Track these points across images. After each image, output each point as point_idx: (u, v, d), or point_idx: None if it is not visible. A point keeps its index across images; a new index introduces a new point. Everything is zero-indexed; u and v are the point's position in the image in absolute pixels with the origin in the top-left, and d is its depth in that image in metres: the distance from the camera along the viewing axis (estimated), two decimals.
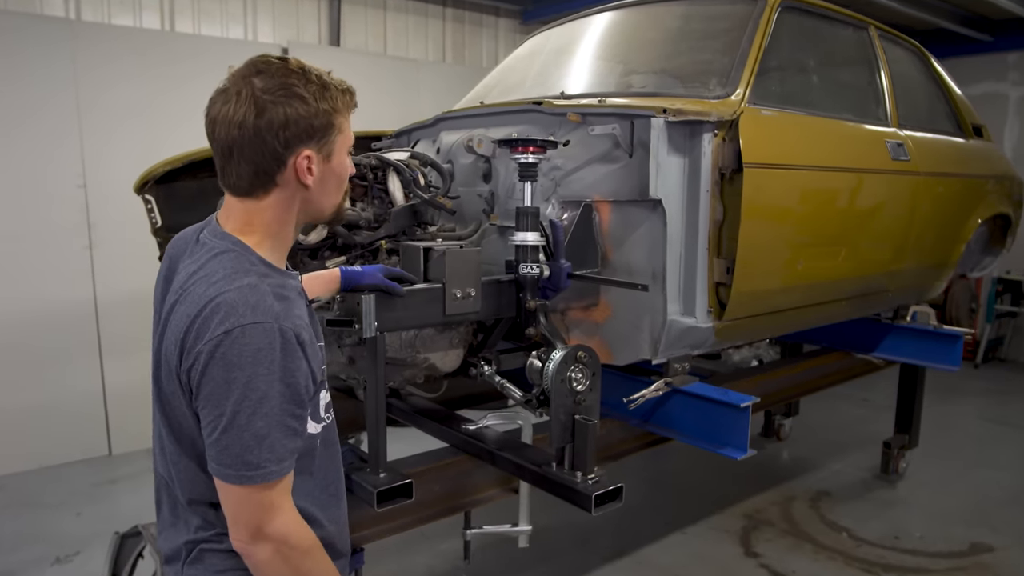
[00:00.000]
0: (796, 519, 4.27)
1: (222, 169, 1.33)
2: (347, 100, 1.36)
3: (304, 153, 1.31)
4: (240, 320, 1.21)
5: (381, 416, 2.13)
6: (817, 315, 3.16)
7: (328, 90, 1.32)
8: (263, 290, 1.26)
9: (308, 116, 1.29)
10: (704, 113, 2.41)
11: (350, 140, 1.40)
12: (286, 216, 1.37)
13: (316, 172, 1.35)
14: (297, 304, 1.33)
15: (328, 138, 1.34)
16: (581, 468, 2.10)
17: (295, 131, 1.29)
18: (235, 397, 1.20)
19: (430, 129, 3.20)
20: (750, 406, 2.46)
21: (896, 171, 3.21)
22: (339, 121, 1.35)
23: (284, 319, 1.25)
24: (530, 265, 2.24)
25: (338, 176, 1.40)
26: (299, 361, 1.26)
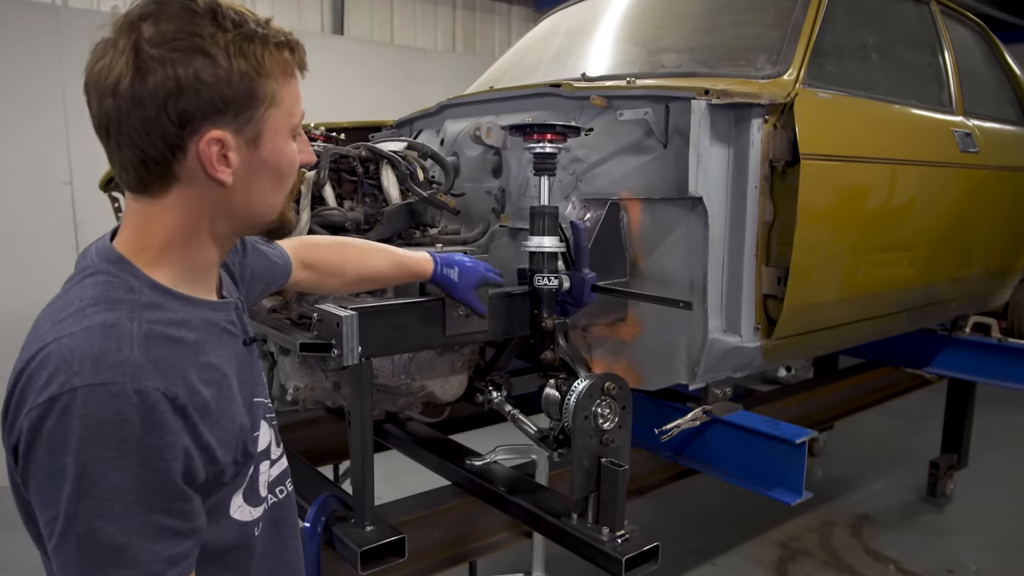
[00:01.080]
0: (836, 548, 3.90)
1: (108, 154, 0.95)
2: (284, 59, 0.97)
3: (210, 135, 0.92)
4: (72, 381, 0.84)
5: (368, 456, 1.77)
6: (874, 329, 2.77)
7: (252, 42, 0.92)
8: (122, 333, 0.88)
9: (215, 80, 0.90)
10: (753, 95, 2.04)
11: (294, 115, 1.01)
12: (195, 224, 0.98)
13: (236, 162, 0.95)
14: (203, 348, 0.96)
15: (251, 113, 0.95)
16: (608, 523, 1.74)
17: (195, 102, 0.90)
18: (68, 493, 0.83)
19: (434, 117, 2.85)
20: (806, 442, 2.08)
21: (965, 164, 2.82)
22: (270, 88, 0.96)
23: (149, 376, 0.86)
24: (547, 276, 1.87)
25: (274, 167, 1.00)
26: (174, 438, 0.87)
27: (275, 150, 0.99)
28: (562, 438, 1.79)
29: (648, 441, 2.33)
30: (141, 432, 0.84)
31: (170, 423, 0.87)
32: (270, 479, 1.10)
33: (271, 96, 0.96)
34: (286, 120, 1.00)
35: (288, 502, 1.17)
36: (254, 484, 1.04)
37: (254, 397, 1.06)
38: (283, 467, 1.17)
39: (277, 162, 1.00)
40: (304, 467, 2.20)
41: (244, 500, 1.02)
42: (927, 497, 4.47)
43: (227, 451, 0.96)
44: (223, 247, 1.05)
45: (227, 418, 0.97)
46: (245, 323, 1.13)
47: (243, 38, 0.92)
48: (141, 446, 0.84)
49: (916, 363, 3.75)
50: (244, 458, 1.01)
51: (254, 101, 0.94)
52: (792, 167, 2.08)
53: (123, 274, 0.95)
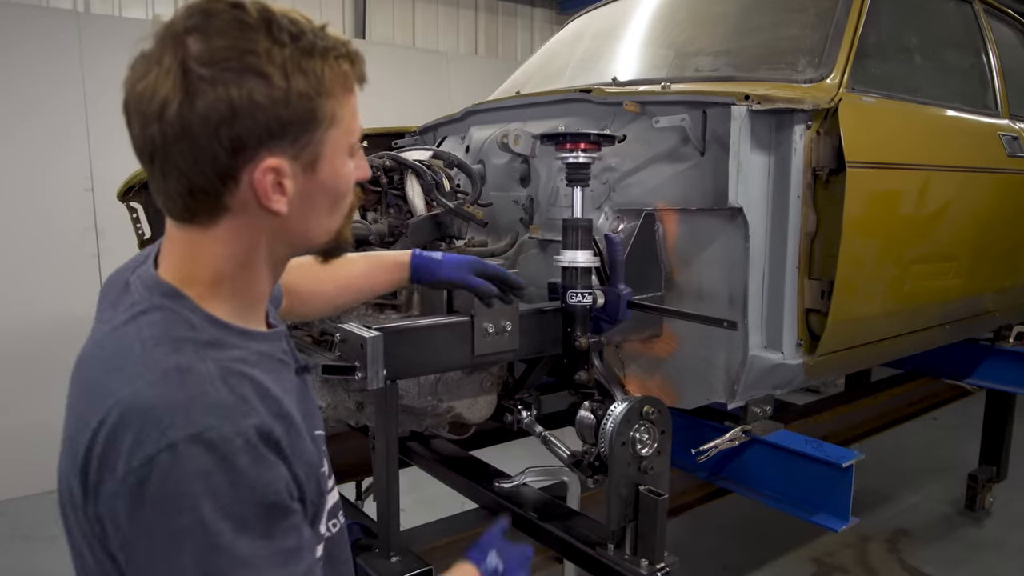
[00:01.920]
0: (873, 565, 3.77)
1: (150, 180, 0.86)
2: (344, 72, 0.87)
3: (265, 164, 0.83)
4: (166, 435, 0.76)
5: (394, 483, 1.69)
6: (917, 342, 2.66)
7: (311, 57, 0.83)
8: (201, 375, 0.81)
9: (271, 103, 0.81)
10: (796, 100, 1.94)
11: (353, 133, 0.91)
12: (248, 256, 0.89)
13: (292, 190, 0.86)
14: (272, 382, 0.88)
15: (310, 136, 0.85)
16: (647, 555, 1.64)
17: (249, 128, 0.81)
18: (193, 553, 0.76)
19: (458, 124, 2.77)
20: (853, 465, 1.98)
21: (1013, 170, 2.70)
22: (330, 108, 0.86)
23: (241, 414, 0.80)
24: (581, 292, 1.78)
25: (331, 191, 0.91)
26: (274, 469, 0.81)
27: (334, 172, 0.90)
28: (598, 464, 1.71)
29: (683, 459, 2.23)
30: (253, 474, 0.78)
31: (271, 457, 0.81)
32: (330, 506, 1.03)
33: (331, 116, 0.87)
34: (345, 139, 0.90)
35: (341, 536, 1.08)
36: (316, 519, 0.95)
37: (315, 430, 0.98)
38: (336, 499, 1.09)
39: (335, 184, 0.91)
40: None
41: None
42: (965, 511, 4.32)
43: (306, 488, 0.89)
44: (277, 274, 0.96)
45: (298, 454, 0.89)
46: (295, 351, 1.04)
47: (301, 53, 0.82)
48: (255, 488, 0.78)
49: (957, 374, 3.62)
50: (318, 496, 0.93)
51: (313, 123, 0.85)
52: (836, 175, 1.98)
53: (180, 309, 0.86)
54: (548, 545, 1.89)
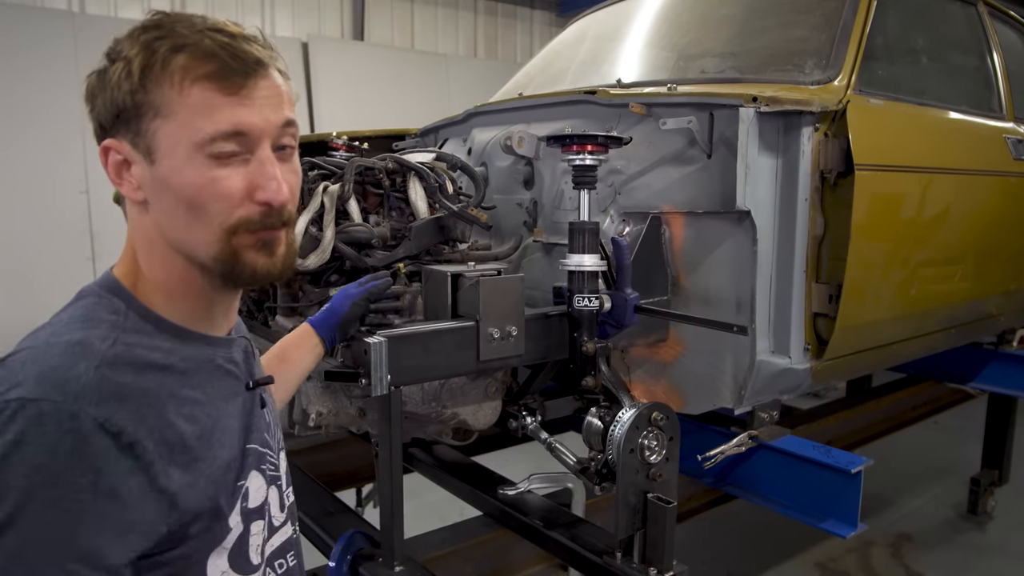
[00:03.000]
0: (877, 569, 3.75)
1: None
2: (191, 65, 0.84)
3: (105, 142, 0.88)
4: (9, 391, 0.76)
5: (397, 491, 1.66)
6: (923, 346, 2.63)
7: (156, 45, 0.84)
8: (87, 351, 0.79)
9: (108, 87, 0.85)
10: (804, 102, 1.91)
11: (199, 131, 0.84)
12: (151, 246, 0.91)
13: (139, 176, 0.87)
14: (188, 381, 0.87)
15: (138, 124, 0.85)
16: (656, 563, 1.61)
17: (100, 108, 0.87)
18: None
19: (461, 126, 2.74)
20: (862, 471, 1.95)
21: (1019, 173, 2.68)
22: (157, 96, 0.84)
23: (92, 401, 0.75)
24: (587, 296, 1.75)
25: (177, 193, 0.86)
26: (101, 476, 0.75)
27: (173, 169, 0.85)
28: (605, 471, 1.68)
29: (689, 465, 2.20)
30: (62, 464, 0.73)
31: (100, 458, 0.75)
32: (267, 545, 0.98)
33: (156, 105, 0.84)
34: (184, 135, 0.84)
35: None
36: (243, 547, 0.92)
37: (247, 443, 0.95)
38: (287, 537, 1.05)
39: (177, 184, 0.86)
40: (326, 497, 2.09)
41: (230, 565, 0.90)
42: (968, 514, 4.31)
43: (199, 497, 0.85)
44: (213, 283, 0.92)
45: (206, 460, 0.86)
46: (252, 367, 1.03)
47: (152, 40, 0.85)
48: (56, 481, 0.73)
49: (960, 378, 3.60)
50: (222, 509, 0.89)
51: (137, 109, 0.85)
52: (844, 178, 1.96)
53: (111, 297, 0.89)
54: (553, 553, 1.87)
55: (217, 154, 0.85)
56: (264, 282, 0.95)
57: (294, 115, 0.94)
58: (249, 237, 0.89)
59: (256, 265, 0.91)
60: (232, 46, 0.86)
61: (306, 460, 2.52)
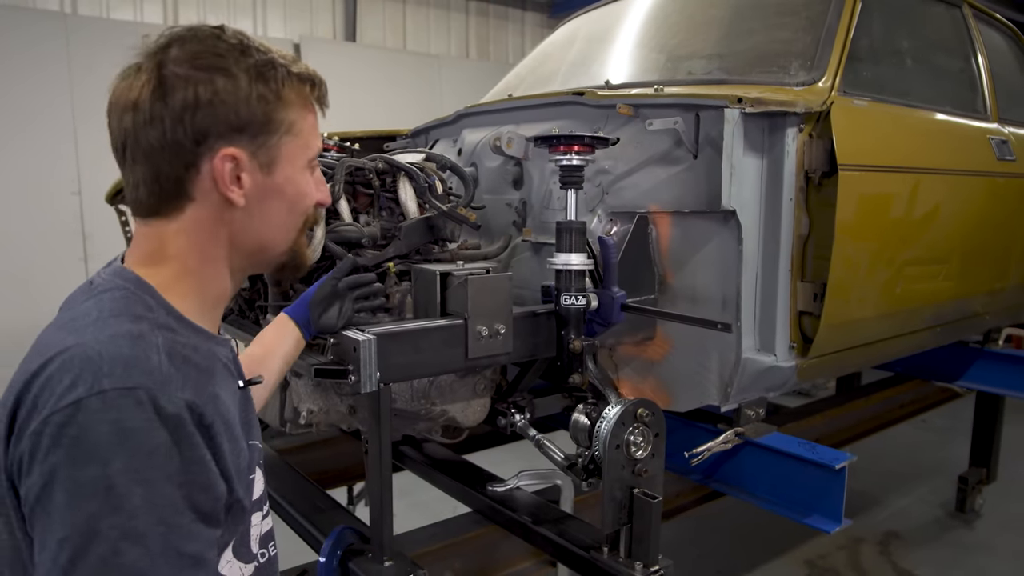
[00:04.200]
0: (865, 567, 3.78)
1: (124, 180, 0.92)
2: (304, 92, 0.98)
3: (225, 152, 0.90)
4: (101, 383, 0.77)
5: (387, 487, 1.68)
6: (908, 344, 2.66)
7: (273, 68, 0.93)
8: (150, 344, 0.83)
9: (233, 100, 0.90)
10: (788, 103, 1.94)
11: (311, 148, 1.00)
12: (209, 246, 0.95)
13: (249, 184, 0.93)
14: (213, 378, 0.90)
15: (266, 137, 0.94)
16: (642, 558, 1.64)
17: (211, 119, 0.89)
18: (93, 508, 0.74)
19: (451, 127, 2.76)
20: (846, 467, 1.98)
21: (1002, 173, 2.71)
22: (288, 116, 0.95)
23: (178, 387, 0.82)
24: (574, 295, 1.77)
25: (288, 198, 0.99)
26: (200, 451, 0.82)
27: (289, 179, 0.98)
28: (592, 467, 1.70)
29: (676, 463, 2.22)
30: (170, 443, 0.79)
31: (196, 437, 0.82)
32: (261, 534, 1.02)
33: (288, 124, 0.96)
34: (302, 151, 0.99)
35: (273, 567, 1.08)
36: (245, 538, 0.96)
37: (250, 439, 0.99)
38: (269, 527, 1.09)
39: (290, 191, 0.99)
40: (316, 493, 2.11)
41: (234, 555, 0.93)
42: (956, 512, 4.34)
43: (238, 483, 0.90)
44: (235, 283, 1.01)
45: (236, 451, 0.90)
46: (240, 366, 1.08)
47: (265, 64, 0.93)
48: (170, 459, 0.79)
49: (946, 376, 3.63)
50: (244, 500, 0.93)
51: (270, 125, 0.94)
52: (829, 178, 1.98)
53: (140, 292, 0.90)
54: (542, 548, 1.89)
55: (313, 167, 1.02)
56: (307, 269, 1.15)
57: None
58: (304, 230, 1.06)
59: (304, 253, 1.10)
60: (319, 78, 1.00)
61: (298, 458, 2.53)
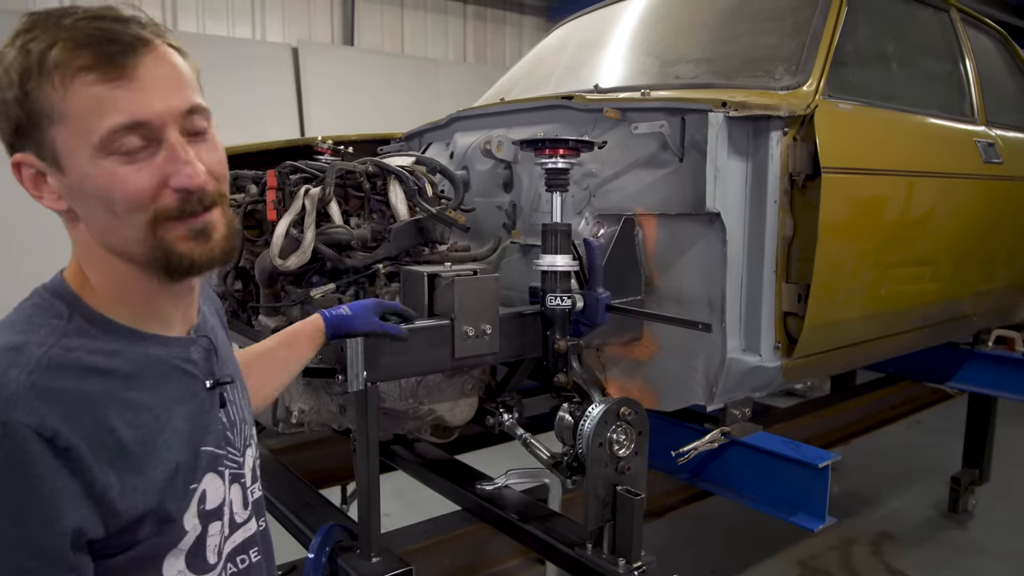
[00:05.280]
0: (857, 567, 3.80)
1: None
2: (68, 60, 0.80)
3: (15, 159, 0.86)
4: None
5: (374, 484, 1.70)
6: (895, 345, 2.69)
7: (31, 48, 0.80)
8: (19, 358, 0.79)
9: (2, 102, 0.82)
10: (772, 107, 1.97)
11: (93, 131, 0.81)
12: (87, 248, 0.89)
13: (57, 186, 0.85)
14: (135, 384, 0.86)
15: (39, 134, 0.82)
16: (624, 554, 1.66)
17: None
18: None
19: (443, 131, 2.79)
20: (829, 466, 2.01)
21: (989, 176, 2.74)
22: (46, 102, 0.80)
23: (24, 408, 0.76)
24: (560, 296, 1.81)
25: (93, 195, 0.84)
26: (38, 481, 0.76)
27: (83, 174, 0.83)
28: (576, 465, 1.73)
29: (664, 462, 2.25)
30: (2, 471, 0.75)
31: (40, 465, 0.76)
32: (226, 544, 0.99)
33: (49, 111, 0.81)
34: (81, 138, 0.82)
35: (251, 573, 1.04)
36: (200, 548, 0.93)
37: (202, 446, 0.95)
38: (250, 533, 1.05)
39: (90, 187, 0.84)
40: (307, 492, 2.14)
41: (186, 565, 0.91)
42: (949, 513, 4.36)
43: (141, 501, 0.84)
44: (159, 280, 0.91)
45: (151, 465, 0.86)
46: (213, 365, 1.02)
47: (28, 42, 0.80)
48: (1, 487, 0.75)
49: (937, 377, 3.66)
50: (171, 513, 0.89)
51: (32, 119, 0.82)
52: (812, 181, 2.01)
53: (54, 299, 0.88)
54: (528, 545, 1.92)
55: (121, 151, 0.83)
56: (207, 269, 0.93)
57: (200, 99, 0.90)
58: (178, 227, 0.88)
59: (193, 255, 0.89)
60: (105, 28, 0.81)
61: (291, 458, 2.56)
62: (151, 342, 0.92)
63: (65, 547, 0.78)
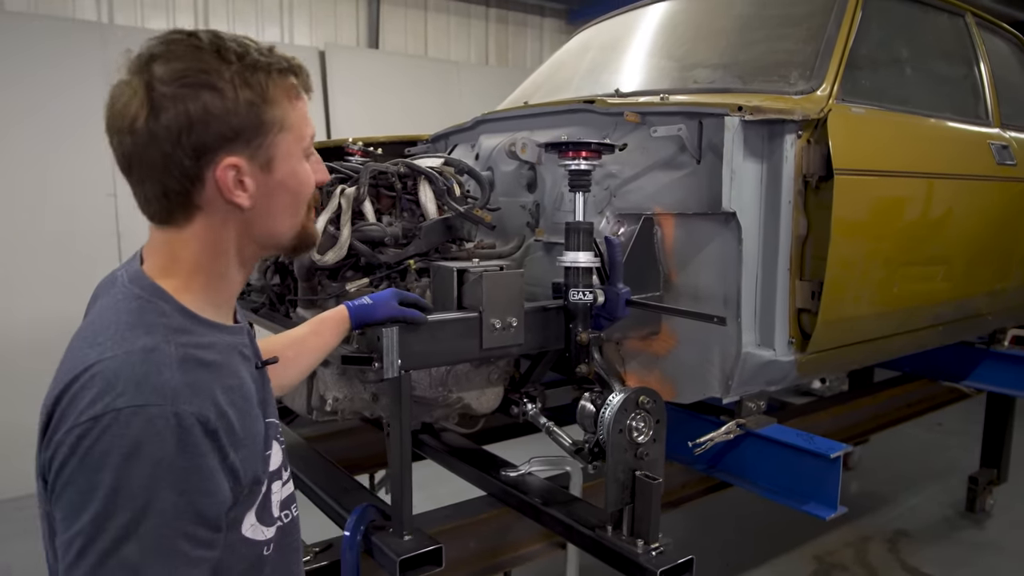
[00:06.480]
0: (873, 564, 3.85)
1: (135, 195, 1.01)
2: (289, 84, 1.02)
3: (225, 162, 0.97)
4: (115, 402, 0.87)
5: (407, 467, 1.81)
6: (909, 343, 2.75)
7: (255, 72, 0.97)
8: (162, 357, 0.92)
9: (224, 112, 0.95)
10: (787, 111, 2.05)
11: (304, 137, 1.06)
12: (220, 248, 1.03)
13: (252, 187, 1.00)
14: (225, 371, 0.99)
15: (261, 139, 0.99)
16: (643, 535, 1.76)
17: (206, 134, 0.95)
18: (96, 509, 0.85)
19: (469, 133, 2.89)
20: (841, 456, 2.08)
21: (1002, 177, 2.79)
22: (276, 114, 1.00)
23: (185, 400, 0.90)
24: (582, 291, 1.90)
25: (291, 190, 1.05)
26: (202, 459, 0.91)
27: (290, 172, 1.04)
28: (597, 451, 1.82)
29: (681, 453, 2.34)
30: (175, 454, 0.88)
31: (201, 446, 0.90)
32: (281, 499, 1.12)
33: (279, 121, 1.00)
34: (296, 143, 1.04)
35: (294, 526, 1.17)
36: (266, 503, 1.06)
37: (267, 417, 1.09)
38: (291, 490, 1.18)
39: (293, 184, 1.05)
40: (341, 476, 2.24)
41: (256, 519, 1.03)
42: (966, 512, 4.39)
43: (248, 470, 0.99)
44: (244, 274, 1.10)
45: (250, 437, 1.00)
46: (257, 348, 1.17)
47: (246, 69, 0.97)
48: (173, 468, 0.87)
49: (954, 376, 3.70)
50: (260, 477, 1.03)
51: (262, 127, 0.99)
52: (826, 182, 2.09)
53: (154, 299, 0.98)
54: (551, 528, 2.01)
55: (307, 153, 1.08)
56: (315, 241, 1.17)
57: None
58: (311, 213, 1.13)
59: (312, 230, 1.14)
60: (299, 64, 1.05)
61: (322, 446, 2.67)
62: (224, 332, 1.04)
63: (220, 513, 0.94)
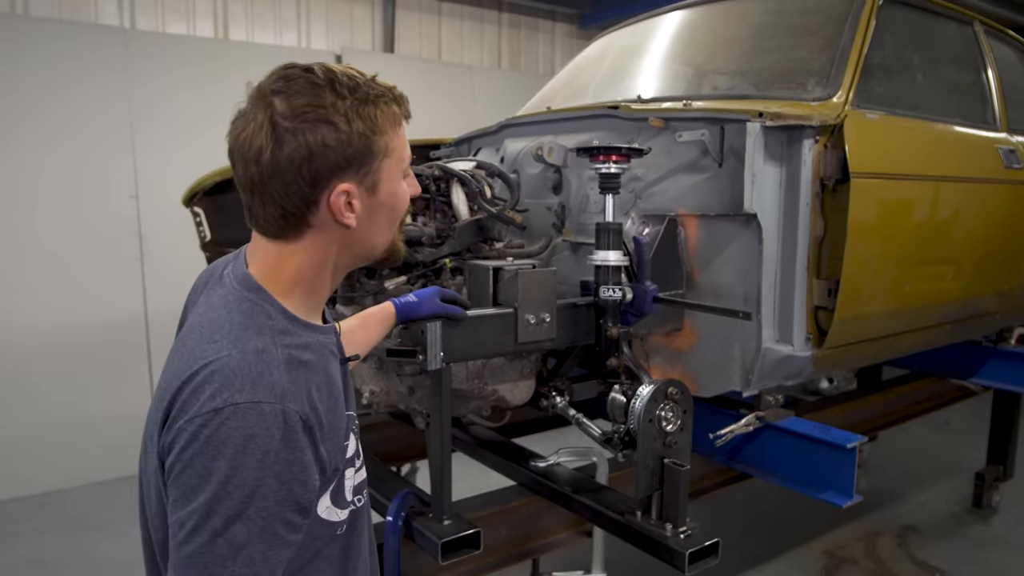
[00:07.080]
0: (882, 558, 3.93)
1: (247, 207, 1.11)
2: (393, 113, 1.12)
3: (340, 188, 1.08)
4: (234, 397, 0.98)
5: (446, 456, 1.91)
6: (919, 340, 2.85)
7: (366, 105, 1.07)
8: (271, 359, 1.03)
9: (338, 144, 1.05)
10: (805, 117, 2.14)
11: (404, 159, 1.16)
12: (323, 261, 1.14)
13: (359, 208, 1.11)
14: (318, 370, 1.10)
15: (369, 166, 1.10)
16: (671, 519, 1.85)
17: (323, 164, 1.05)
18: (211, 492, 0.95)
19: (493, 137, 2.99)
20: (857, 447, 2.17)
21: (1010, 180, 2.89)
22: (383, 142, 1.10)
23: (291, 399, 1.01)
24: (612, 288, 2.00)
25: (390, 208, 1.16)
26: (302, 453, 1.02)
27: (390, 193, 1.14)
28: (627, 440, 1.91)
29: (702, 445, 2.43)
30: (280, 447, 0.98)
31: (302, 440, 1.01)
32: (354, 484, 1.22)
33: (385, 147, 1.10)
34: (398, 166, 1.14)
35: (366, 509, 1.28)
36: (340, 488, 1.15)
37: (347, 410, 1.19)
38: (363, 476, 1.28)
39: (392, 203, 1.16)
40: (379, 466, 2.34)
41: (331, 502, 1.13)
42: (973, 508, 4.47)
43: (332, 461, 1.10)
44: (337, 280, 1.20)
45: (334, 431, 1.10)
46: (342, 345, 1.28)
47: (359, 102, 1.06)
48: (279, 460, 0.98)
49: (961, 374, 3.79)
50: (340, 467, 1.14)
51: (371, 155, 1.09)
52: (842, 185, 2.18)
53: (262, 302, 1.09)
54: (580, 514, 2.11)
55: (406, 174, 1.19)
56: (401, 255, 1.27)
57: None
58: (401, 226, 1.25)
59: (402, 248, 1.26)
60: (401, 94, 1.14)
61: None
62: (318, 332, 1.15)
63: (312, 500, 1.05)
